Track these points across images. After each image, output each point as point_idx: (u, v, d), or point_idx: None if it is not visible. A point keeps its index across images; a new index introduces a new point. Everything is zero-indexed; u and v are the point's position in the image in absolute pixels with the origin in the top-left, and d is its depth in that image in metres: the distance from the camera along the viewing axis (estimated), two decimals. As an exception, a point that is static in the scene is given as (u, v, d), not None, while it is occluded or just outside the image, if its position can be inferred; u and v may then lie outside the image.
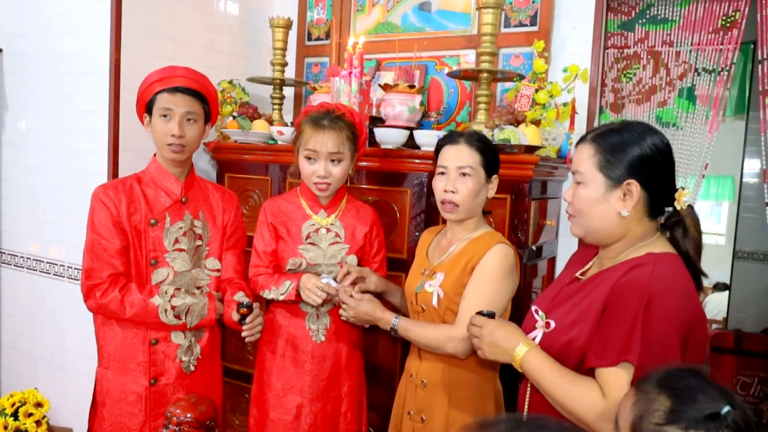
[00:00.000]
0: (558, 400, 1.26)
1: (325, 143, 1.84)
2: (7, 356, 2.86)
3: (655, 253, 1.26)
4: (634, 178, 1.25)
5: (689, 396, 0.93)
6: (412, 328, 1.76)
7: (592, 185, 1.29)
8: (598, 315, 1.24)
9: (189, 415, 1.56)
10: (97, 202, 1.83)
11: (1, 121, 2.75)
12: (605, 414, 1.17)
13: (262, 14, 2.98)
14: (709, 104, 2.45)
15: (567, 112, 2.23)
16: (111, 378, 1.88)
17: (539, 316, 1.38)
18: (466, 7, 2.62)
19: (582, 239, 1.39)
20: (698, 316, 1.21)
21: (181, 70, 1.89)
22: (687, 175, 2.51)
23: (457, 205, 1.72)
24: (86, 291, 1.82)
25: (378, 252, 2.06)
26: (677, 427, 0.91)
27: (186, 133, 1.84)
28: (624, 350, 1.17)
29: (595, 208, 1.29)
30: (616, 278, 1.24)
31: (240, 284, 2.01)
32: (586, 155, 1.30)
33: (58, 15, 2.50)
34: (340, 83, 2.27)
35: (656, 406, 0.94)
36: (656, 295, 1.17)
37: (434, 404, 1.76)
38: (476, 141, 1.73)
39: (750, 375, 3.50)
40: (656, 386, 0.97)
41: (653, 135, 1.28)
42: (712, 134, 2.46)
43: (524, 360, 1.31)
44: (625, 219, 1.28)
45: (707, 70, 2.44)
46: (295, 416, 1.97)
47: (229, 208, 2.04)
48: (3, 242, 2.81)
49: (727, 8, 2.36)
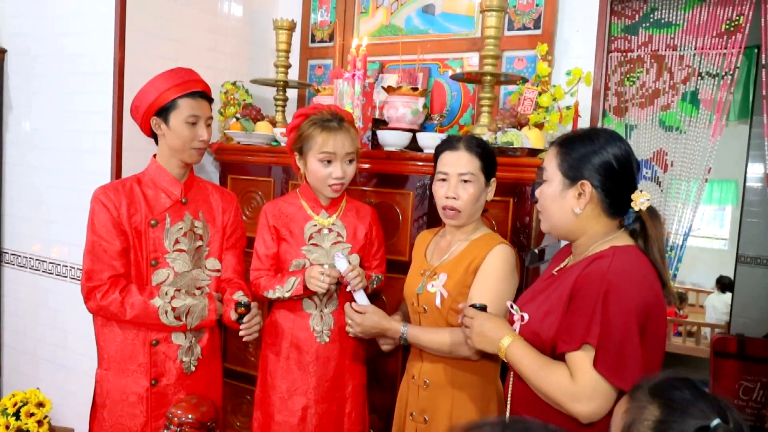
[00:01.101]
0: (535, 385, 1.36)
1: (343, 144, 1.87)
2: (10, 356, 2.87)
3: (618, 246, 1.36)
4: (588, 180, 1.37)
5: (680, 407, 0.92)
6: (422, 335, 1.77)
7: (553, 183, 1.43)
8: (565, 305, 1.34)
9: (190, 415, 1.57)
10: (98, 204, 1.83)
11: (5, 122, 2.76)
12: (572, 394, 1.28)
13: (266, 16, 2.99)
14: (712, 108, 2.45)
15: (570, 115, 2.22)
16: (111, 379, 1.88)
17: (515, 311, 1.49)
18: (469, 10, 2.62)
19: (549, 234, 1.51)
20: (657, 303, 1.31)
21: (193, 74, 1.92)
22: (690, 179, 2.51)
23: (458, 210, 1.74)
24: (86, 293, 1.82)
25: (378, 250, 2.08)
26: None
27: (209, 135, 1.91)
28: (585, 333, 1.27)
29: (554, 205, 1.43)
30: (580, 270, 1.35)
31: (239, 284, 2.02)
32: (551, 156, 1.44)
33: (62, 16, 2.51)
34: (344, 85, 2.27)
35: (646, 415, 0.95)
36: (614, 283, 1.27)
37: (437, 405, 1.76)
38: (475, 146, 1.75)
39: (752, 380, 3.49)
40: (649, 395, 0.97)
41: (614, 144, 1.39)
42: (716, 138, 2.46)
43: (508, 350, 1.42)
44: (579, 216, 1.40)
45: (711, 74, 2.44)
46: (301, 418, 1.97)
47: (228, 208, 2.05)
48: (6, 242, 2.82)
49: (731, 12, 2.36)
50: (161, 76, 1.87)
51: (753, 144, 4.03)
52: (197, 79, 1.92)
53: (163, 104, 1.84)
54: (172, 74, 1.88)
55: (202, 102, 1.90)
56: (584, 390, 1.27)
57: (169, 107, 1.84)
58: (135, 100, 1.90)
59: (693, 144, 2.50)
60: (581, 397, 1.27)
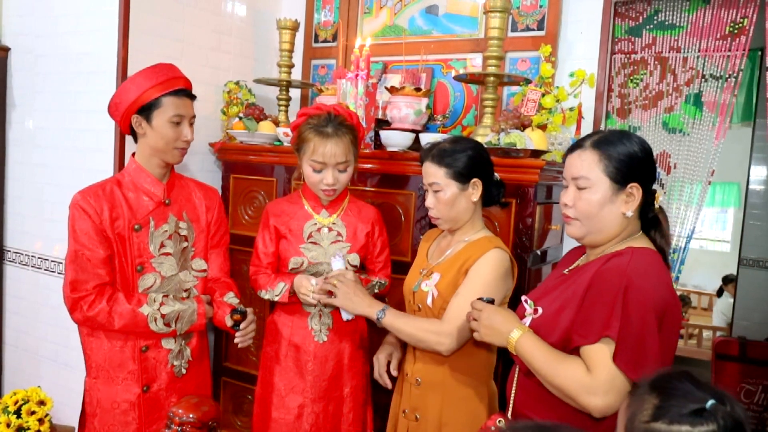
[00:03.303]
0: (547, 378, 1.35)
1: (333, 154, 1.85)
2: (11, 354, 2.87)
3: (635, 247, 1.37)
4: (636, 182, 1.36)
5: (678, 394, 0.95)
6: (397, 319, 1.76)
7: (600, 189, 1.38)
8: (581, 300, 1.34)
9: (191, 415, 1.56)
10: (78, 210, 1.75)
11: (8, 120, 2.76)
12: (588, 387, 1.27)
13: (270, 16, 2.99)
14: (716, 111, 2.44)
15: (573, 116, 2.22)
16: (101, 388, 1.84)
17: (528, 305, 1.49)
18: (473, 11, 2.62)
19: (580, 240, 1.47)
20: (673, 302, 1.31)
21: (176, 71, 1.85)
22: (693, 182, 2.50)
23: (437, 218, 1.78)
24: (71, 304, 1.75)
25: (381, 252, 2.07)
26: (662, 422, 0.93)
27: (193, 135, 1.86)
28: (604, 327, 1.27)
29: (603, 211, 1.38)
30: (597, 267, 1.35)
31: (227, 283, 2.00)
32: (592, 161, 1.38)
33: (65, 15, 2.51)
34: (347, 85, 2.27)
35: (645, 405, 0.97)
36: (634, 279, 1.27)
37: (428, 403, 1.77)
38: (435, 155, 1.74)
39: (754, 383, 3.49)
40: (648, 388, 1.00)
41: (642, 141, 1.40)
42: (719, 141, 2.45)
43: (518, 343, 1.41)
44: (628, 219, 1.39)
45: (714, 76, 2.43)
46: (297, 416, 1.98)
47: (212, 206, 2.00)
48: (8, 240, 2.82)
49: (735, 15, 2.36)
50: (143, 72, 1.79)
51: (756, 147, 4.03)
52: (180, 75, 1.84)
53: (145, 102, 1.77)
54: (155, 71, 1.79)
55: (186, 100, 1.83)
56: (601, 383, 1.26)
57: (151, 106, 1.77)
58: (115, 96, 1.82)
59: (696, 146, 2.49)
60: (597, 391, 1.26)
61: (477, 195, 1.76)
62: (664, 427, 0.92)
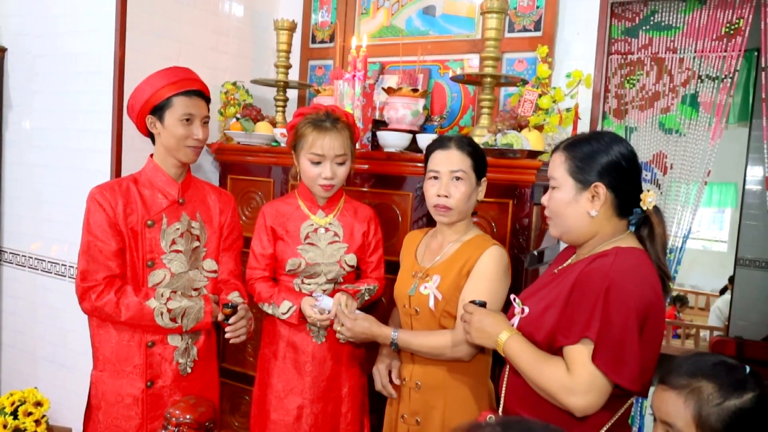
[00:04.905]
0: (531, 378, 1.38)
1: (332, 146, 1.87)
2: (8, 355, 2.87)
3: (621, 246, 1.38)
4: (601, 182, 1.38)
5: (722, 372, 1.14)
6: (413, 339, 1.77)
7: (564, 189, 1.43)
8: (565, 300, 1.36)
9: (188, 416, 1.56)
10: (93, 203, 1.81)
11: (5, 120, 2.76)
12: (568, 387, 1.30)
13: (267, 16, 2.99)
14: (712, 111, 2.44)
15: (570, 117, 2.23)
16: (106, 381, 1.87)
17: (516, 304, 1.52)
18: (470, 12, 2.63)
19: (560, 239, 1.52)
20: (657, 303, 1.32)
21: (190, 72, 1.90)
22: (689, 182, 2.51)
23: (450, 208, 1.75)
24: (81, 293, 1.80)
25: (374, 251, 2.06)
26: (735, 397, 1.11)
27: (205, 135, 1.89)
28: (585, 328, 1.29)
29: (568, 210, 1.43)
30: (582, 267, 1.37)
31: (236, 285, 2.01)
32: (559, 162, 1.44)
33: (63, 15, 2.51)
34: (344, 86, 2.27)
35: (707, 393, 1.12)
36: (616, 279, 1.29)
37: (430, 406, 1.77)
38: (467, 145, 1.77)
39: (751, 383, 3.49)
40: (690, 377, 1.15)
41: (619, 143, 1.41)
42: (715, 141, 2.46)
43: (506, 345, 1.44)
44: (594, 218, 1.41)
45: (711, 77, 2.43)
46: (296, 417, 1.97)
47: (226, 209, 2.03)
48: (5, 241, 2.82)
49: (731, 15, 2.36)
50: (157, 74, 1.85)
51: (752, 147, 4.04)
52: (194, 78, 1.89)
53: (157, 102, 1.82)
54: (168, 72, 1.85)
55: (198, 100, 1.87)
56: (581, 383, 1.29)
57: (163, 105, 1.82)
58: (131, 98, 1.88)
59: (693, 147, 2.50)
60: (577, 391, 1.29)
61: (482, 193, 1.81)
62: (737, 401, 1.10)
